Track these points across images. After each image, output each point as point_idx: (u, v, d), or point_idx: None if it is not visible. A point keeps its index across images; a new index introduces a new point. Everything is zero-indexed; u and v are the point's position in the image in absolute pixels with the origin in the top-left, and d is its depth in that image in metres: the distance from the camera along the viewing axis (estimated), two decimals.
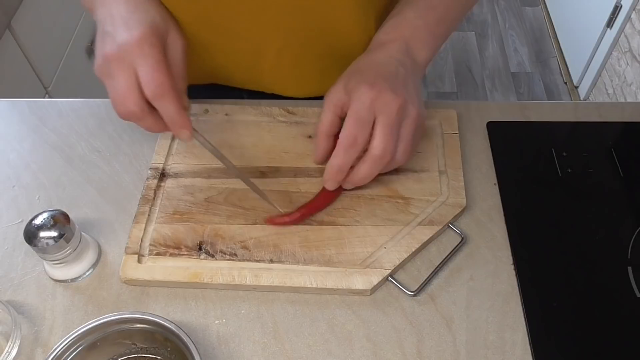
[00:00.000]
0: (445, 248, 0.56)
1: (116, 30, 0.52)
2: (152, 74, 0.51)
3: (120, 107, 0.52)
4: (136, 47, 0.51)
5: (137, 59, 0.51)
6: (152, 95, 0.51)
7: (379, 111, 0.52)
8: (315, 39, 0.65)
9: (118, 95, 0.52)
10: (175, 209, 0.59)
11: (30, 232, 0.51)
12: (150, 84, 0.51)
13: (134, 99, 0.51)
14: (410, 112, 0.54)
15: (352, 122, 0.53)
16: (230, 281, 0.53)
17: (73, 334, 0.46)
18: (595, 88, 1.96)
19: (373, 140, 0.52)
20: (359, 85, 0.54)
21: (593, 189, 0.61)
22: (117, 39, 0.52)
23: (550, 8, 2.37)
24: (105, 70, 0.52)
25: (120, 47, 0.51)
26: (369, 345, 0.50)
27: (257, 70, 0.68)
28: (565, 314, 0.52)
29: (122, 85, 0.51)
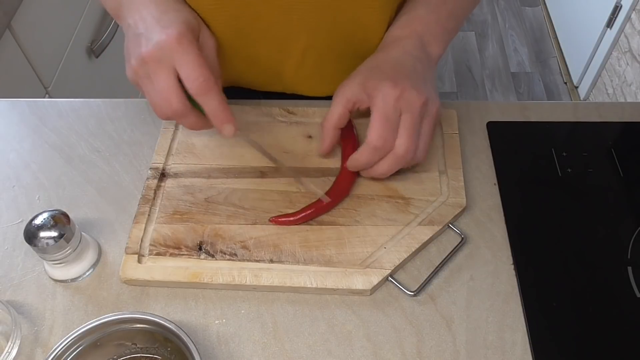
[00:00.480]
0: (445, 248, 0.56)
1: (150, 31, 0.52)
2: (197, 70, 0.51)
3: (165, 106, 0.52)
4: (176, 44, 0.51)
5: (177, 56, 0.51)
6: (197, 90, 0.51)
7: (404, 110, 0.53)
8: (339, 38, 0.65)
9: (161, 95, 0.52)
10: (175, 209, 0.59)
11: (30, 232, 0.51)
12: (196, 80, 0.51)
13: (178, 96, 0.51)
14: (430, 110, 0.55)
15: (380, 123, 0.53)
16: (230, 281, 0.53)
17: (73, 334, 0.46)
18: (595, 88, 1.96)
19: (397, 139, 0.53)
20: (381, 83, 0.54)
21: (593, 189, 0.61)
22: (153, 39, 0.51)
23: (550, 8, 2.37)
24: (143, 71, 0.52)
25: (157, 46, 0.51)
26: (369, 345, 0.50)
27: (280, 71, 0.68)
28: (565, 314, 0.52)
29: (164, 84, 0.51)
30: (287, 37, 0.64)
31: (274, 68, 0.68)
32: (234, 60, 0.67)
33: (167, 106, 0.52)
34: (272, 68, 0.68)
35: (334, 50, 0.66)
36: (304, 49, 0.65)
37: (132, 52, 0.53)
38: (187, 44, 0.51)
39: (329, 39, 0.64)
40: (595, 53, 1.92)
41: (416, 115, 0.53)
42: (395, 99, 0.53)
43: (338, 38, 0.65)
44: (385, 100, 0.53)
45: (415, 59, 0.57)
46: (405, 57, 0.57)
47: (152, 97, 0.53)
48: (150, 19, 0.53)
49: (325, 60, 0.67)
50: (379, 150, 0.54)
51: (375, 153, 0.54)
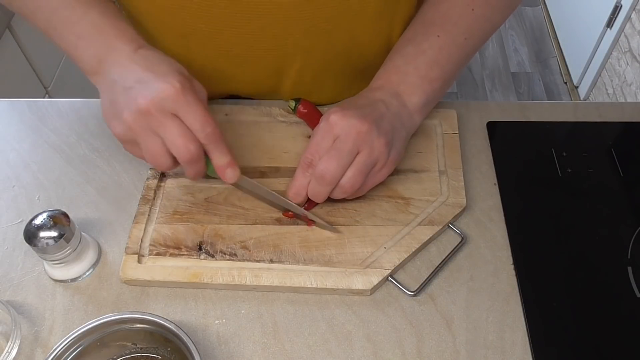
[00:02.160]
0: (445, 248, 0.56)
1: (145, 82, 0.50)
2: (205, 120, 0.50)
3: (183, 153, 0.50)
4: (180, 95, 0.49)
5: (182, 106, 0.49)
6: (208, 139, 0.51)
7: (337, 134, 0.53)
8: (335, 56, 0.64)
9: (176, 143, 0.50)
10: (175, 209, 0.59)
11: (30, 232, 0.51)
12: (205, 128, 0.50)
13: (193, 141, 0.50)
14: (372, 143, 0.53)
15: (310, 145, 0.54)
16: (230, 281, 0.53)
17: (73, 334, 0.46)
18: (595, 88, 1.96)
19: (319, 161, 0.53)
20: (330, 110, 0.54)
21: (593, 189, 0.61)
22: (153, 89, 0.49)
23: (550, 8, 2.37)
24: (141, 123, 0.50)
25: (160, 96, 0.49)
26: (369, 345, 0.50)
27: (277, 90, 0.68)
28: (565, 314, 0.52)
29: (176, 133, 0.49)
30: (283, 61, 0.63)
31: (272, 88, 0.68)
32: (231, 82, 0.68)
33: (186, 152, 0.50)
34: (271, 88, 0.68)
35: (331, 66, 0.66)
36: (299, 69, 0.64)
37: (125, 107, 0.50)
38: (189, 93, 0.50)
39: (325, 58, 0.64)
40: (595, 53, 1.92)
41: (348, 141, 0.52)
42: (332, 124, 0.53)
43: (334, 57, 0.64)
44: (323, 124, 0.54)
45: (382, 103, 0.56)
46: (371, 98, 0.57)
47: (156, 149, 0.51)
48: (142, 71, 0.51)
49: (321, 77, 0.67)
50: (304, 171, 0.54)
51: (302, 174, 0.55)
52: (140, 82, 0.50)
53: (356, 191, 0.55)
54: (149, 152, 0.51)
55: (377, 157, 0.53)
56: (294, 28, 0.59)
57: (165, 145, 0.50)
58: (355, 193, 0.56)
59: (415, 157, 0.62)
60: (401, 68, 0.59)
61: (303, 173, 0.55)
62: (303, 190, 0.55)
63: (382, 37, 0.64)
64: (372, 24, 0.61)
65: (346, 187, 0.54)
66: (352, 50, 0.64)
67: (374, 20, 0.61)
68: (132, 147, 0.53)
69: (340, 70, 0.67)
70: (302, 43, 0.61)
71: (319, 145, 0.54)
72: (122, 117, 0.50)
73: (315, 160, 0.54)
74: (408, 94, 0.58)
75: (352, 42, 0.63)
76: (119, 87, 0.51)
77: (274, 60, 0.63)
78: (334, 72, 0.67)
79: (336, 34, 0.61)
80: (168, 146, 0.50)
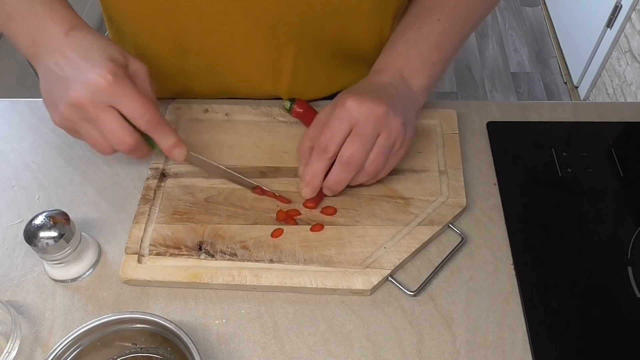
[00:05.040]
0: (445, 248, 0.56)
1: (77, 73, 0.49)
2: (141, 106, 0.50)
3: (120, 144, 0.51)
4: (112, 86, 0.49)
5: (116, 97, 0.50)
6: (148, 125, 0.52)
7: (355, 120, 0.53)
8: (327, 44, 0.65)
9: (112, 135, 0.51)
10: (175, 209, 0.59)
11: (30, 232, 0.51)
12: (144, 115, 0.51)
13: (131, 133, 0.51)
14: (390, 125, 0.54)
15: (325, 131, 0.54)
16: (230, 281, 0.53)
17: (73, 334, 0.46)
18: (595, 88, 1.96)
19: (342, 147, 0.53)
20: (342, 97, 0.55)
21: (593, 189, 0.61)
22: (83, 81, 0.49)
23: (550, 8, 2.37)
24: (77, 116, 0.50)
25: (91, 89, 0.49)
26: (369, 345, 0.50)
27: (276, 83, 0.69)
28: (565, 314, 0.52)
29: (111, 125, 0.50)
30: (277, 51, 0.64)
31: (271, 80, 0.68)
32: (227, 80, 0.68)
33: (122, 144, 0.51)
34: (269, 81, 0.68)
35: (323, 53, 0.66)
36: (294, 57, 0.65)
37: (60, 98, 0.50)
38: (122, 83, 0.50)
39: (318, 45, 0.65)
40: (595, 53, 1.92)
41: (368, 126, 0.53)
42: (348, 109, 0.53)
43: (326, 45, 0.65)
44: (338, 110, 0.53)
45: (389, 84, 0.57)
46: (379, 82, 0.57)
47: (96, 137, 0.52)
48: (74, 58, 0.50)
49: (316, 64, 0.67)
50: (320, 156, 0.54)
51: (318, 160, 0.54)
52: (74, 71, 0.50)
53: (377, 174, 0.56)
54: (89, 141, 0.52)
55: (395, 137, 0.54)
56: (287, 19, 0.59)
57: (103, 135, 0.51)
58: (376, 177, 0.56)
59: (415, 157, 0.62)
60: (404, 52, 0.59)
61: (319, 158, 0.54)
62: (320, 175, 0.55)
63: (374, 33, 0.64)
64: (365, 20, 0.62)
65: (369, 170, 0.54)
66: (344, 41, 0.65)
67: (367, 16, 0.61)
68: (74, 134, 0.54)
69: (333, 56, 0.67)
70: (294, 31, 0.61)
71: (335, 129, 0.53)
72: (59, 108, 0.51)
73: (332, 145, 0.53)
74: (412, 77, 0.59)
75: (344, 34, 0.63)
76: (53, 76, 0.51)
77: (268, 52, 0.63)
78: (327, 57, 0.67)
79: (329, 25, 0.61)
80: (104, 138, 0.51)
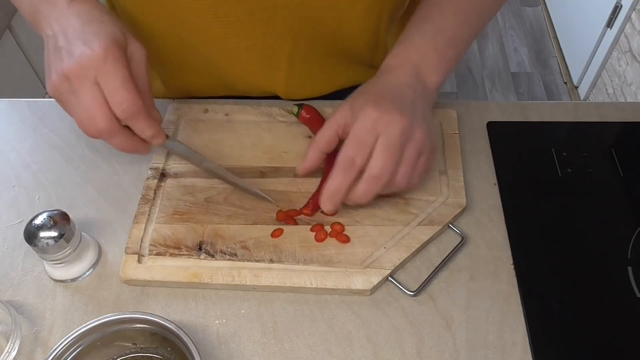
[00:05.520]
0: (445, 248, 0.56)
1: (72, 45, 0.49)
2: (122, 93, 0.48)
3: (90, 125, 0.49)
4: (100, 62, 0.48)
5: (102, 75, 0.48)
6: (124, 115, 0.49)
7: (381, 131, 0.51)
8: (323, 41, 0.65)
9: (85, 114, 0.49)
10: (175, 209, 0.59)
11: (30, 232, 0.51)
12: (122, 104, 0.49)
13: (103, 115, 0.49)
14: (415, 135, 0.52)
15: (351, 143, 0.52)
16: (230, 281, 0.53)
17: (73, 334, 0.46)
18: (595, 88, 1.96)
19: (371, 160, 0.51)
20: (364, 105, 0.52)
21: (593, 189, 0.61)
22: (75, 54, 0.48)
23: (550, 8, 2.37)
24: (65, 87, 0.49)
25: (80, 62, 0.48)
26: (369, 345, 0.50)
27: (273, 81, 0.69)
28: (565, 314, 0.52)
29: (89, 102, 0.48)
30: (273, 47, 0.63)
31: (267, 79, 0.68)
32: (225, 74, 0.68)
33: (94, 126, 0.49)
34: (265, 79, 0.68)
35: (319, 50, 0.66)
36: (289, 54, 0.64)
37: (53, 67, 0.49)
38: (111, 64, 0.48)
39: (313, 43, 0.64)
40: (595, 53, 1.92)
41: (395, 137, 0.51)
42: (373, 121, 0.51)
43: (322, 42, 0.65)
44: (362, 121, 0.51)
45: (408, 87, 0.56)
46: (398, 84, 0.56)
47: (78, 114, 0.50)
48: (71, 31, 0.49)
49: (310, 60, 0.67)
50: (346, 171, 0.51)
51: (344, 174, 0.51)
52: (68, 43, 0.49)
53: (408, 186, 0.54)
54: (73, 115, 0.51)
55: (421, 147, 0.53)
56: (282, 12, 0.59)
57: None
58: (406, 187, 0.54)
59: None
60: (421, 47, 0.58)
61: (345, 172, 0.51)
62: (345, 190, 0.52)
63: (370, 31, 0.64)
64: (360, 18, 0.62)
65: (400, 183, 0.53)
66: (339, 39, 0.64)
67: (362, 14, 0.61)
68: (62, 105, 0.52)
69: (329, 54, 0.67)
70: (290, 27, 0.61)
71: (361, 142, 0.51)
72: (51, 77, 0.50)
73: (359, 158, 0.51)
74: (428, 74, 0.58)
75: (339, 32, 0.63)
76: (52, 45, 0.51)
77: (264, 47, 0.63)
78: (322, 55, 0.67)
79: (324, 22, 0.61)
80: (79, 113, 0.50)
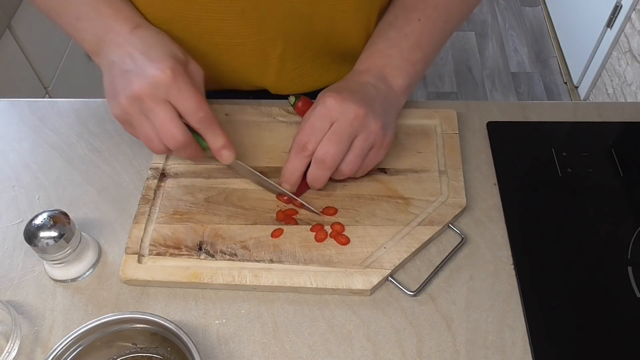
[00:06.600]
0: (445, 248, 0.56)
1: (140, 67, 0.51)
2: (197, 105, 0.51)
3: (169, 139, 0.52)
4: (171, 80, 0.50)
5: (174, 92, 0.51)
6: (200, 124, 0.52)
7: (335, 118, 0.53)
8: (316, 41, 0.65)
9: (163, 129, 0.51)
10: (175, 209, 0.59)
11: (30, 232, 0.51)
12: (197, 114, 0.52)
13: (182, 129, 0.52)
14: (369, 126, 0.54)
15: (305, 128, 0.55)
16: (230, 281, 0.53)
17: (73, 334, 0.46)
18: (595, 88, 1.96)
19: (319, 145, 0.54)
20: (324, 95, 0.55)
21: (593, 189, 0.61)
22: (146, 75, 0.50)
23: (550, 8, 2.37)
24: (136, 109, 0.52)
25: (152, 81, 0.50)
26: (369, 345, 0.50)
27: (264, 77, 0.69)
28: (565, 314, 0.52)
29: (166, 118, 0.51)
30: (265, 45, 0.64)
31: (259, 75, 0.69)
32: (216, 71, 0.68)
33: (172, 139, 0.52)
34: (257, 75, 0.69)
35: (311, 48, 0.67)
36: (281, 52, 0.65)
37: (122, 90, 0.52)
38: (181, 79, 0.51)
39: (305, 40, 0.65)
40: (595, 53, 1.92)
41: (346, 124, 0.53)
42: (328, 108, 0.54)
43: (314, 41, 0.65)
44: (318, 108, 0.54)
45: (370, 85, 0.57)
46: (361, 82, 0.58)
47: (149, 133, 0.52)
48: (137, 54, 0.52)
49: (304, 60, 0.68)
50: (298, 154, 0.55)
51: (295, 157, 0.55)
52: (137, 66, 0.51)
53: (354, 174, 0.56)
54: (142, 135, 0.53)
55: (373, 140, 0.55)
56: (274, 10, 0.60)
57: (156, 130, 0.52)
58: (354, 176, 0.57)
59: (415, 157, 0.62)
60: (385, 51, 0.60)
61: (297, 155, 0.55)
62: (297, 172, 0.56)
63: (361, 26, 0.65)
64: (351, 14, 0.62)
65: (345, 171, 0.55)
66: (332, 36, 0.65)
67: (354, 12, 0.62)
68: (129, 128, 0.55)
69: (320, 53, 0.68)
70: (282, 26, 0.61)
71: (314, 127, 0.54)
72: (119, 100, 0.52)
73: (311, 143, 0.54)
74: (393, 76, 0.59)
75: (332, 28, 0.64)
76: (117, 70, 0.52)
77: (255, 45, 0.64)
78: (314, 54, 0.67)
79: (316, 19, 0.61)
80: (156, 133, 0.52)
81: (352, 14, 0.62)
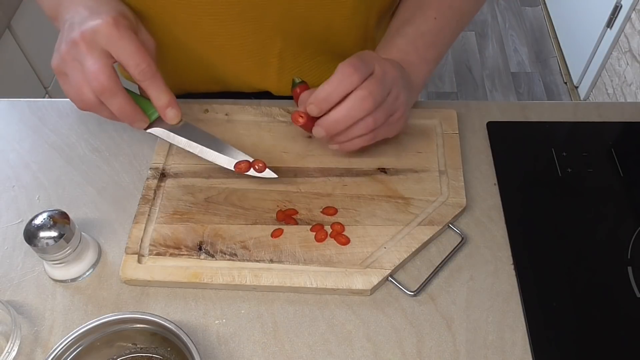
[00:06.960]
0: (445, 248, 0.56)
1: (84, 19, 0.50)
2: (139, 54, 0.49)
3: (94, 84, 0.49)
4: (113, 30, 0.49)
5: (114, 42, 0.49)
6: (140, 75, 0.50)
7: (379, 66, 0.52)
8: (313, 39, 0.65)
9: (90, 74, 0.49)
10: (175, 209, 0.59)
11: (30, 232, 0.51)
12: (138, 65, 0.50)
13: (108, 74, 0.49)
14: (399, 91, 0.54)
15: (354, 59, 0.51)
16: (230, 281, 0.53)
17: (73, 334, 0.46)
18: (595, 88, 1.96)
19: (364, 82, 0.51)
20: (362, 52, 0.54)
21: (593, 189, 0.61)
22: (88, 24, 0.49)
23: (550, 8, 2.37)
24: (71, 55, 0.50)
25: (92, 29, 0.49)
26: (369, 345, 0.50)
27: (265, 79, 0.69)
28: (565, 314, 0.52)
29: (95, 63, 0.49)
30: (263, 45, 0.64)
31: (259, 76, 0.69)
32: (217, 73, 0.68)
33: (96, 81, 0.49)
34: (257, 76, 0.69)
35: (309, 48, 0.67)
36: (280, 52, 0.65)
37: (63, 40, 0.51)
38: (123, 29, 0.49)
39: (303, 41, 0.65)
40: (595, 53, 1.92)
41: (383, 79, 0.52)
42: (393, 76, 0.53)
43: (312, 40, 0.65)
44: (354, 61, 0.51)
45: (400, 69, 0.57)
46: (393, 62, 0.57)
47: (79, 80, 0.50)
48: (84, 10, 0.52)
49: (302, 60, 0.68)
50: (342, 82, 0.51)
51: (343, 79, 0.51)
52: (82, 18, 0.51)
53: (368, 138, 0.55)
54: (73, 83, 0.51)
55: (398, 105, 0.55)
56: (272, 11, 0.60)
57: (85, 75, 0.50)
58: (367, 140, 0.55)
59: (415, 157, 0.62)
60: (402, 47, 0.60)
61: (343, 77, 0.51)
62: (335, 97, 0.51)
63: (359, 29, 0.65)
64: (349, 17, 0.62)
65: (369, 122, 0.53)
66: (329, 38, 0.65)
67: (351, 13, 0.62)
68: (63, 80, 0.52)
69: (319, 52, 0.68)
70: (280, 25, 0.61)
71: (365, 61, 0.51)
72: (60, 49, 0.51)
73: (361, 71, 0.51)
74: (410, 72, 0.59)
75: (329, 31, 0.64)
76: (67, 25, 0.52)
77: (255, 45, 0.64)
78: (313, 53, 0.67)
79: (313, 20, 0.62)
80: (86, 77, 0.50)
81: (349, 18, 0.62)
